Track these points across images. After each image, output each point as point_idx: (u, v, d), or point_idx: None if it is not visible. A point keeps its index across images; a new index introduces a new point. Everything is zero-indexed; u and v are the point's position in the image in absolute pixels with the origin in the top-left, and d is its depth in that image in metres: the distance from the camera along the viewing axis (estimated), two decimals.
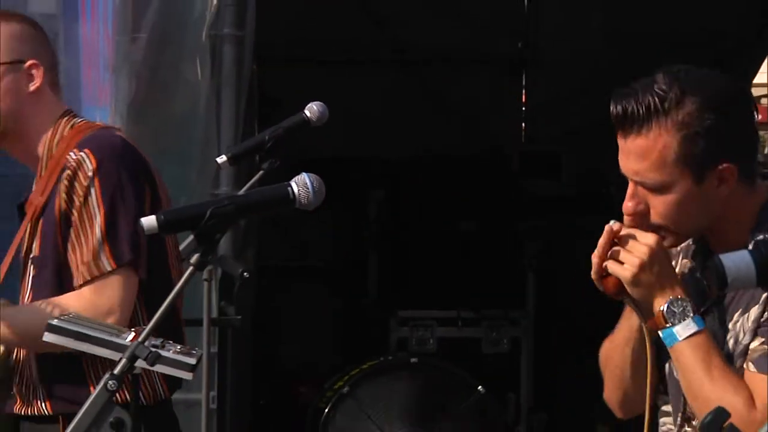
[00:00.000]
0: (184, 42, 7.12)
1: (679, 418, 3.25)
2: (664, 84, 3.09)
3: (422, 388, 8.09)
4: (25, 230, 4.05)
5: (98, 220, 3.89)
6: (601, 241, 3.18)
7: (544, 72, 11.43)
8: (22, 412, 4.05)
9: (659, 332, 3.11)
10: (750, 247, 2.47)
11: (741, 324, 3.12)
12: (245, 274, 6.98)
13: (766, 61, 11.69)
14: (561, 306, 10.20)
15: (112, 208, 3.87)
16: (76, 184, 3.89)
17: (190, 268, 3.63)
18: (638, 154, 3.12)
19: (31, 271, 4.03)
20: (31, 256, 4.03)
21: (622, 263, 3.11)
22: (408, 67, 10.65)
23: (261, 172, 4.90)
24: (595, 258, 3.20)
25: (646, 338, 3.19)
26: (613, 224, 3.16)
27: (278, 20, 7.51)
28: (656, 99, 3.07)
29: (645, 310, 3.17)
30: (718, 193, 3.13)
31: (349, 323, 10.14)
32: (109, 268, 3.88)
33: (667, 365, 3.26)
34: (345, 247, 10.38)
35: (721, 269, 2.08)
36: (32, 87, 4.05)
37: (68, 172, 3.92)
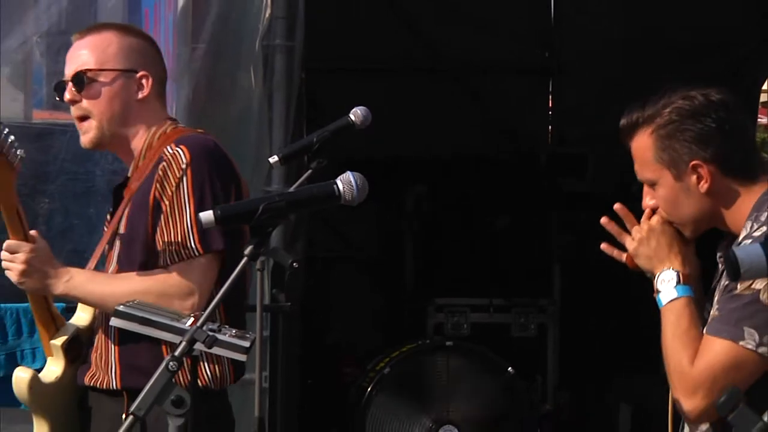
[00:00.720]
0: (239, 52, 7.12)
1: None
2: (651, 101, 3.34)
3: (456, 369, 8.08)
4: (121, 212, 4.09)
5: (188, 209, 3.93)
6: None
7: (569, 80, 11.39)
8: (92, 384, 4.05)
9: (656, 297, 3.31)
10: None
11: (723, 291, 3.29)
12: (295, 264, 6.97)
13: None
14: (585, 295, 10.20)
15: (201, 198, 3.92)
16: (170, 175, 3.95)
17: (244, 258, 3.65)
18: (634, 157, 3.39)
19: (117, 246, 4.05)
20: (119, 233, 4.05)
21: (633, 240, 3.35)
22: (445, 76, 10.63)
23: (309, 171, 4.88)
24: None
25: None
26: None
27: (325, 32, 7.51)
28: (641, 112, 3.33)
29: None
30: (701, 188, 3.30)
31: (390, 309, 10.13)
32: (196, 253, 3.92)
33: None
34: (386, 240, 10.37)
35: (734, 261, 2.08)
36: (140, 95, 4.10)
37: (163, 163, 3.99)
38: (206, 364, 3.99)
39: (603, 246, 3.49)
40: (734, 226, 3.29)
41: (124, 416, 3.82)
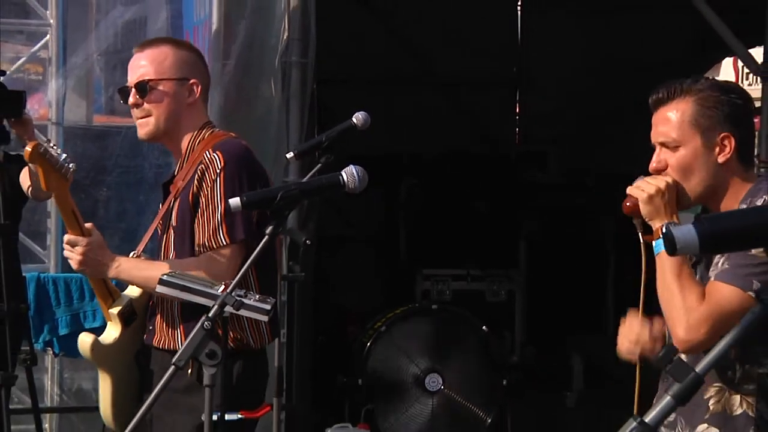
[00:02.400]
0: (261, 67, 7.10)
1: None
2: (690, 79, 3.24)
3: (440, 328, 8.05)
4: (170, 204, 4.07)
5: (220, 206, 3.91)
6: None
7: (532, 91, 11.40)
8: (158, 344, 4.04)
9: (653, 243, 3.15)
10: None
11: (722, 257, 3.13)
12: (307, 241, 6.96)
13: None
14: (546, 267, 10.20)
15: (232, 196, 3.84)
16: (207, 177, 3.93)
17: (266, 237, 3.64)
18: (664, 119, 3.22)
19: (172, 235, 4.05)
20: (172, 224, 4.04)
21: (642, 190, 3.15)
22: (432, 87, 10.61)
23: (319, 165, 4.85)
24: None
25: (643, 251, 3.24)
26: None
27: (333, 51, 7.48)
28: (683, 83, 3.22)
29: (646, 229, 3.22)
30: (718, 159, 3.18)
31: (386, 279, 10.12)
32: (223, 243, 3.90)
33: None
34: (383, 222, 10.37)
35: (671, 238, 2.04)
36: (190, 99, 4.09)
37: (202, 166, 3.96)
38: (247, 328, 3.97)
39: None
40: (726, 207, 3.21)
41: (189, 372, 3.86)
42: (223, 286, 3.59)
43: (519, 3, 10.65)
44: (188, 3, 7.53)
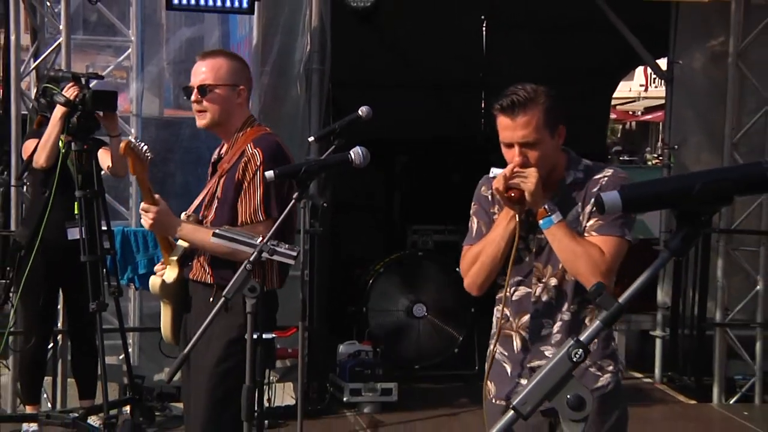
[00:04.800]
0: (290, 73, 7.09)
1: (532, 279, 3.23)
2: (527, 87, 3.17)
3: (424, 269, 8.07)
4: (217, 179, 4.02)
5: (259, 191, 3.88)
6: (507, 171, 3.16)
7: (494, 90, 11.28)
8: (193, 278, 4.03)
9: (540, 221, 3.10)
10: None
11: (577, 215, 3.17)
12: (324, 204, 6.97)
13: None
14: None
15: (267, 186, 3.86)
16: (249, 167, 3.89)
17: (293, 201, 3.64)
18: (524, 124, 3.13)
19: (215, 204, 3.99)
20: (217, 196, 3.99)
21: (526, 182, 3.10)
22: (419, 87, 10.60)
23: (333, 146, 4.84)
24: (502, 180, 3.16)
25: (517, 233, 3.19)
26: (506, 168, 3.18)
27: (344, 60, 7.44)
28: (528, 92, 3.15)
29: (523, 213, 3.16)
30: (558, 144, 3.19)
31: (383, 233, 10.12)
32: (261, 218, 3.87)
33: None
34: (382, 190, 10.39)
35: (601, 203, 2.01)
36: (239, 101, 4.04)
37: (245, 158, 3.91)
38: (264, 276, 3.95)
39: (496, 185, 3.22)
40: (554, 175, 3.20)
41: (211, 299, 3.86)
42: (260, 238, 3.61)
43: (485, 24, 10.61)
44: (234, 24, 7.52)
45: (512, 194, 3.13)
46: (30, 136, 6.01)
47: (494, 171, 3.26)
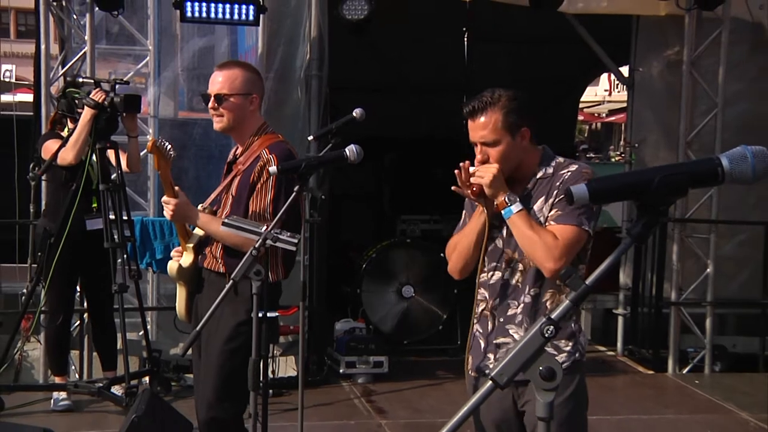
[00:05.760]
0: (292, 78, 7.06)
1: (503, 264, 3.17)
2: (491, 93, 3.13)
3: (412, 254, 8.05)
4: (231, 178, 3.97)
5: (270, 194, 3.83)
6: (472, 169, 3.14)
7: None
8: (207, 266, 4.00)
9: (502, 212, 3.06)
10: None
11: (541, 206, 3.09)
12: (323, 196, 6.94)
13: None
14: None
15: (278, 190, 3.82)
16: (264, 172, 3.83)
17: (294, 193, 3.62)
18: (483, 126, 3.11)
19: (229, 201, 3.95)
20: (231, 193, 3.95)
21: (483, 178, 3.07)
22: (405, 91, 10.61)
23: (330, 144, 4.82)
24: (463, 177, 3.14)
25: (487, 225, 3.15)
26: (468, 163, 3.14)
27: (341, 67, 7.42)
28: (489, 97, 3.11)
29: (490, 205, 3.11)
30: (522, 145, 3.11)
31: (375, 222, 10.10)
32: (269, 217, 3.79)
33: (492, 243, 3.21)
34: (374, 183, 10.35)
35: (571, 194, 2.00)
36: (252, 108, 3.97)
37: (261, 162, 3.86)
38: (279, 267, 3.93)
39: (454, 188, 3.21)
40: (525, 170, 3.15)
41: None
42: (265, 227, 3.58)
43: (465, 36, 10.59)
44: (241, 35, 7.48)
45: (474, 188, 3.10)
46: (49, 137, 5.98)
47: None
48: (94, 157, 5.73)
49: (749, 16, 7.42)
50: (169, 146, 3.87)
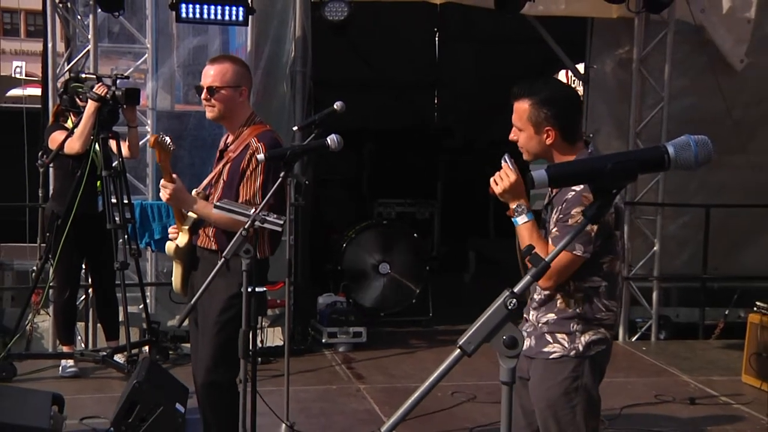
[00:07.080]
0: (279, 74, 7.01)
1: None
2: (537, 82, 3.02)
3: (388, 235, 8.03)
4: (223, 164, 3.94)
5: (259, 180, 3.79)
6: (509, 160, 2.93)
7: (445, 90, 11.35)
8: (201, 245, 3.98)
9: (513, 220, 2.93)
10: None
11: (554, 218, 2.96)
12: (306, 181, 6.90)
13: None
14: (454, 198, 10.22)
15: (266, 176, 3.78)
16: (253, 159, 3.79)
17: (279, 178, 3.59)
18: (515, 110, 3.01)
19: (221, 185, 3.91)
20: (223, 178, 3.92)
21: (497, 185, 2.89)
22: (382, 87, 10.58)
23: (313, 134, 4.79)
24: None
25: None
26: (506, 157, 2.91)
27: (323, 64, 7.39)
28: (530, 87, 2.99)
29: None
30: (546, 141, 2.98)
31: (355, 205, 10.06)
32: (258, 201, 3.75)
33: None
34: (353, 169, 10.33)
35: (531, 179, 2.00)
36: (241, 99, 3.91)
37: (250, 150, 3.82)
38: (266, 246, 3.90)
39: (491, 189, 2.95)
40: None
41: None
42: (254, 209, 3.56)
43: (437, 35, 10.57)
44: (232, 34, 7.43)
45: (492, 188, 2.94)
46: (55, 128, 5.93)
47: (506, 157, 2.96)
48: (97, 146, 5.69)
49: (692, 19, 7.44)
50: (169, 140, 3.82)
